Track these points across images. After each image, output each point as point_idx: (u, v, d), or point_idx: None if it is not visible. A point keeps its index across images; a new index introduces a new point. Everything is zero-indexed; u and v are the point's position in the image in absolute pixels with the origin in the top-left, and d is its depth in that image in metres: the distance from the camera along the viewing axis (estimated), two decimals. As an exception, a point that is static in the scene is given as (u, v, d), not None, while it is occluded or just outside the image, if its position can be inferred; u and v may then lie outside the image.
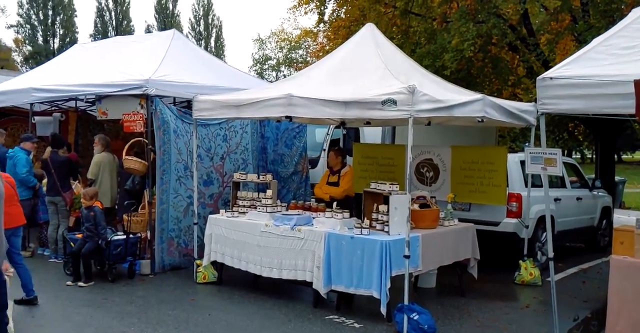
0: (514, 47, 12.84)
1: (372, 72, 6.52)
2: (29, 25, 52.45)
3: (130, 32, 52.99)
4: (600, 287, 7.40)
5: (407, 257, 5.78)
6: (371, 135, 11.11)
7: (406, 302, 5.77)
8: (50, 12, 53.19)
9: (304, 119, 8.13)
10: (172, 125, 8.12)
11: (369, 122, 8.44)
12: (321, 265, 6.26)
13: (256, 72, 40.82)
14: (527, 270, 7.80)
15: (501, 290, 7.62)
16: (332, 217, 6.58)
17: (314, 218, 6.77)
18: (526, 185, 7.97)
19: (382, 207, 6.29)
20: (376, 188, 6.51)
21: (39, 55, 48.68)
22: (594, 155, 21.73)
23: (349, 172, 7.98)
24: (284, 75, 41.16)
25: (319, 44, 21.12)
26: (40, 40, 52.98)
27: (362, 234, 6.09)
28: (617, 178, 13.51)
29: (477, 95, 6.31)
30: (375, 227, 6.26)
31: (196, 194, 7.95)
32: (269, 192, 7.34)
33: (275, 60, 44.35)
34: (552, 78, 5.12)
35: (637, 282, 5.05)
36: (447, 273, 7.27)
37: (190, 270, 7.77)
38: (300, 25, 43.64)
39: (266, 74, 43.00)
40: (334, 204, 6.81)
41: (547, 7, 12.82)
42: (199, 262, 7.55)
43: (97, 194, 7.82)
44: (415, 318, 5.64)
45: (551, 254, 5.60)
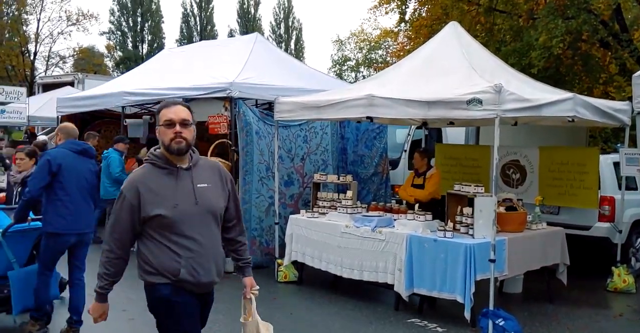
0: (606, 43, 12.21)
1: (456, 71, 6.38)
2: (119, 32, 55.02)
3: (214, 37, 54.56)
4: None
5: (493, 261, 5.61)
6: (454, 135, 10.90)
7: (491, 307, 5.60)
8: (139, 19, 55.61)
9: (384, 120, 8.07)
10: (255, 127, 8.27)
11: (452, 123, 8.27)
12: (403, 267, 6.18)
13: (335, 73, 40.96)
14: (620, 277, 7.39)
15: (592, 298, 7.26)
16: (414, 219, 6.49)
17: (395, 220, 6.70)
18: (619, 188, 7.56)
19: (467, 210, 6.14)
20: (460, 190, 6.36)
21: (129, 60, 50.96)
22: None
23: (435, 175, 7.80)
24: (363, 76, 41.07)
25: (400, 44, 20.95)
26: (130, 46, 55.45)
27: (445, 237, 5.97)
28: None
29: (568, 94, 6.05)
30: (459, 230, 6.11)
31: (277, 194, 8.06)
32: (349, 193, 7.33)
33: (354, 61, 44.35)
34: (651, 74, 4.82)
35: None
36: (534, 278, 7.00)
37: (271, 269, 7.88)
38: (380, 25, 43.50)
39: (345, 75, 43.05)
40: (416, 206, 6.71)
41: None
42: (280, 261, 7.65)
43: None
44: (501, 324, 5.47)
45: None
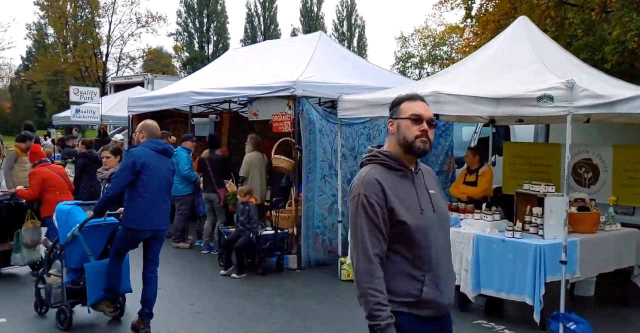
0: (685, 36, 11.56)
1: (525, 67, 6.20)
2: (186, 33, 56.52)
3: (277, 36, 55.23)
4: None
5: (564, 263, 5.42)
6: (522, 133, 10.59)
7: (562, 310, 5.42)
8: (205, 20, 56.93)
9: (450, 117, 7.92)
10: (318, 125, 8.30)
11: (521, 120, 8.01)
12: (469, 268, 6.05)
13: (399, 71, 40.64)
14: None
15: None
16: (482, 218, 6.34)
17: (461, 219, 6.58)
18: (702, 189, 7.15)
19: (536, 209, 5.96)
20: (530, 189, 6.18)
21: (195, 61, 52.26)
22: None
23: (487, 172, 7.65)
24: (427, 73, 40.59)
25: (465, 40, 20.49)
26: (196, 46, 56.85)
27: (514, 237, 5.81)
28: None
29: (644, 90, 5.77)
30: (528, 230, 5.94)
31: (340, 193, 8.07)
32: (415, 192, 7.23)
33: (418, 57, 43.88)
34: None
35: None
36: (608, 281, 6.72)
37: (334, 267, 7.89)
38: (445, 21, 42.77)
39: (409, 72, 42.66)
40: (484, 205, 6.56)
41: None
42: (343, 259, 7.64)
43: (252, 191, 8.22)
44: (572, 327, 5.29)
45: None
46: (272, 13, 59.74)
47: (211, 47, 57.40)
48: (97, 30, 39.72)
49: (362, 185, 2.54)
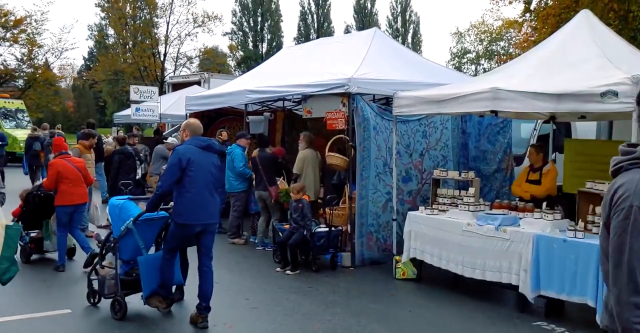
0: None
1: (588, 62, 5.99)
2: (241, 32, 57.24)
3: (330, 34, 55.30)
4: None
5: (629, 265, 5.20)
6: (584, 130, 10.26)
7: (627, 315, 5.20)
8: (259, 19, 57.54)
9: (509, 114, 7.75)
10: (372, 122, 8.25)
11: (583, 116, 7.77)
12: (529, 268, 5.91)
13: (454, 67, 40.03)
14: None
15: None
16: (542, 217, 6.17)
17: (520, 218, 6.42)
18: None
19: (600, 209, 5.74)
20: (593, 188, 5.97)
21: (249, 60, 52.90)
22: None
23: (552, 170, 7.42)
24: (484, 69, 39.86)
25: (524, 35, 20.01)
26: (250, 45, 57.51)
27: (576, 237, 5.63)
28: None
29: None
30: (590, 230, 5.74)
31: (395, 190, 8.01)
32: (472, 190, 7.12)
33: (474, 53, 43.11)
34: None
35: None
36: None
37: (389, 265, 7.84)
38: (502, 15, 41.88)
39: (464, 68, 42.01)
40: (544, 204, 6.38)
41: None
42: (398, 258, 7.59)
43: (304, 188, 8.24)
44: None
45: None
46: (325, 10, 59.85)
47: (265, 45, 57.99)
48: (155, 30, 40.73)
49: (636, 196, 1.98)
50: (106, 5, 41.88)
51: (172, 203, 5.78)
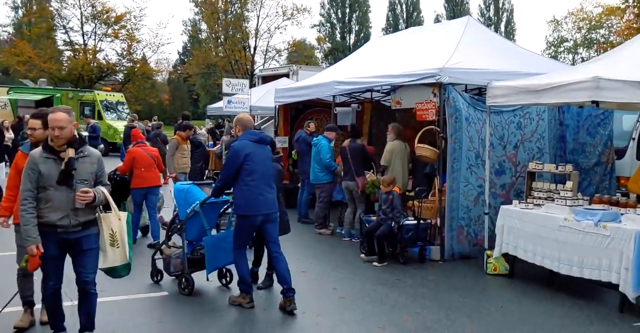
0: None
1: None
2: (329, 24, 57.53)
3: (420, 23, 54.48)
4: None
5: None
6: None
7: None
8: (347, 10, 57.54)
9: (611, 104, 7.32)
10: (464, 113, 8.05)
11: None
12: (630, 267, 5.58)
13: (550, 56, 38.37)
14: None
15: None
16: (646, 214, 5.81)
17: (622, 214, 6.07)
18: None
19: None
20: None
21: (337, 51, 53.08)
22: None
23: None
24: (582, 58, 37.94)
25: (626, 22, 18.84)
26: (338, 37, 57.67)
27: (685, 236, 5.26)
28: None
29: None
30: (702, 229, 5.35)
31: (487, 183, 7.79)
32: (569, 184, 6.80)
33: (572, 41, 41.12)
34: None
35: None
36: None
37: (479, 260, 7.65)
38: (602, 2, 39.64)
39: (561, 57, 40.17)
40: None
41: None
42: (489, 252, 7.38)
43: (395, 181, 8.17)
44: None
45: None
46: (414, 0, 58.96)
47: (353, 36, 57.99)
48: (245, 24, 41.72)
49: None
50: (200, 0, 43.25)
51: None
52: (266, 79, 20.54)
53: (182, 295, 6.32)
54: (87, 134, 20.11)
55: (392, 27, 56.96)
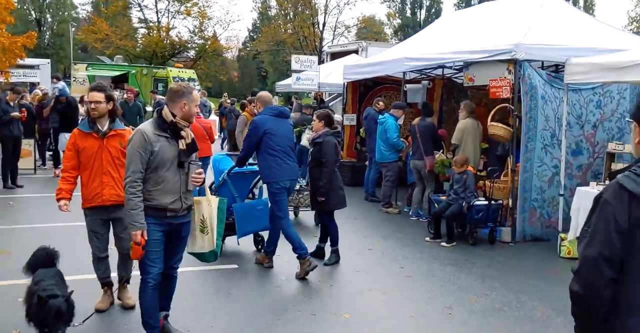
0: None
1: None
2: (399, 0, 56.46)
3: (493, -2, 52.63)
4: None
5: None
6: None
7: None
8: (418, -15, 56.27)
9: (702, 82, 6.89)
10: (540, 91, 7.76)
11: None
12: None
13: (632, 32, 36.38)
14: None
15: None
16: None
17: None
18: None
19: None
20: None
21: (407, 27, 52.23)
22: None
23: None
24: (668, 34, 35.67)
25: None
26: (408, 13, 56.63)
27: None
28: None
29: None
30: None
31: (563, 164, 7.52)
32: (652, 166, 6.46)
33: (656, 16, 38.78)
34: None
35: None
36: None
37: (552, 243, 7.44)
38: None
39: (644, 33, 37.96)
40: None
41: None
42: (563, 235, 7.15)
43: (467, 161, 8.01)
44: None
45: None
46: (488, -26, 56.99)
47: (423, 12, 56.84)
48: (314, 0, 41.48)
49: None
50: (269, -24, 43.38)
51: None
52: (335, 56, 20.44)
53: (251, 269, 6.47)
54: (152, 109, 20.59)
55: (464, 2, 55.35)
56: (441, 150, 9.41)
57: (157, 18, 41.42)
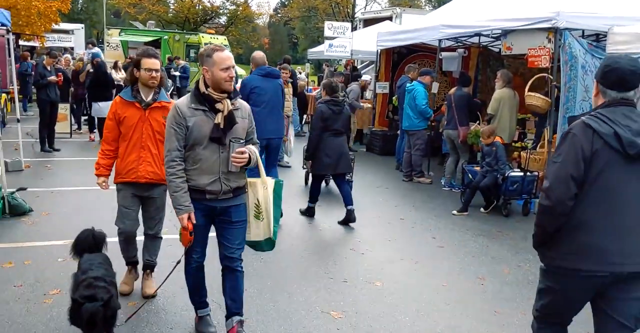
0: None
1: None
2: (434, -35, 55.05)
3: (531, -36, 50.97)
4: None
5: None
6: None
7: None
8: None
9: None
10: (581, 60, 7.54)
11: None
12: None
13: (677, -1, 34.95)
14: None
15: None
16: None
17: None
18: None
19: None
20: None
21: (441, -6, 50.94)
22: None
23: None
24: None
25: None
26: (443, -22, 55.19)
27: None
28: None
29: None
30: None
31: (602, 136, 7.34)
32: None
33: None
34: None
35: None
36: None
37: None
38: None
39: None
40: None
41: None
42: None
43: (494, 131, 7.90)
44: None
45: None
46: (527, -62, 55.10)
47: (459, -22, 55.27)
48: (348, -35, 40.73)
49: None
50: (302, -59, 42.62)
51: None
52: (368, 22, 20.15)
53: (283, 235, 6.54)
54: (178, 74, 20.42)
55: (501, -33, 53.80)
56: (477, 121, 9.28)
57: (189, -17, 41.25)
